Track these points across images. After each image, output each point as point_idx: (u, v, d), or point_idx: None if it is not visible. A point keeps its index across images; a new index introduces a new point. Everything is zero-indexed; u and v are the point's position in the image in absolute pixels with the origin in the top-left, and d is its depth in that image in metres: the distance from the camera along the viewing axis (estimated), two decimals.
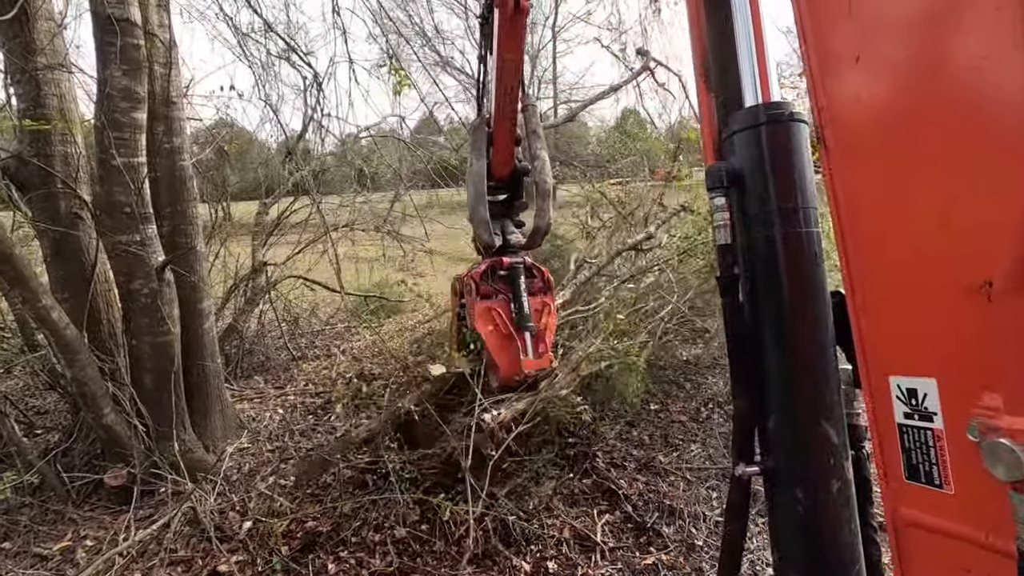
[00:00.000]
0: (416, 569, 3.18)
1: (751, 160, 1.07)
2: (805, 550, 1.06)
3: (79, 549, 3.36)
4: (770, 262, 1.06)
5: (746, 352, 1.10)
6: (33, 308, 3.24)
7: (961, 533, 0.83)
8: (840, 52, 0.91)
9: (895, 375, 0.89)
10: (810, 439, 1.04)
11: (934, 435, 0.84)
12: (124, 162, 3.48)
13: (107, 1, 3.25)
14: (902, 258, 0.87)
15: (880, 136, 0.87)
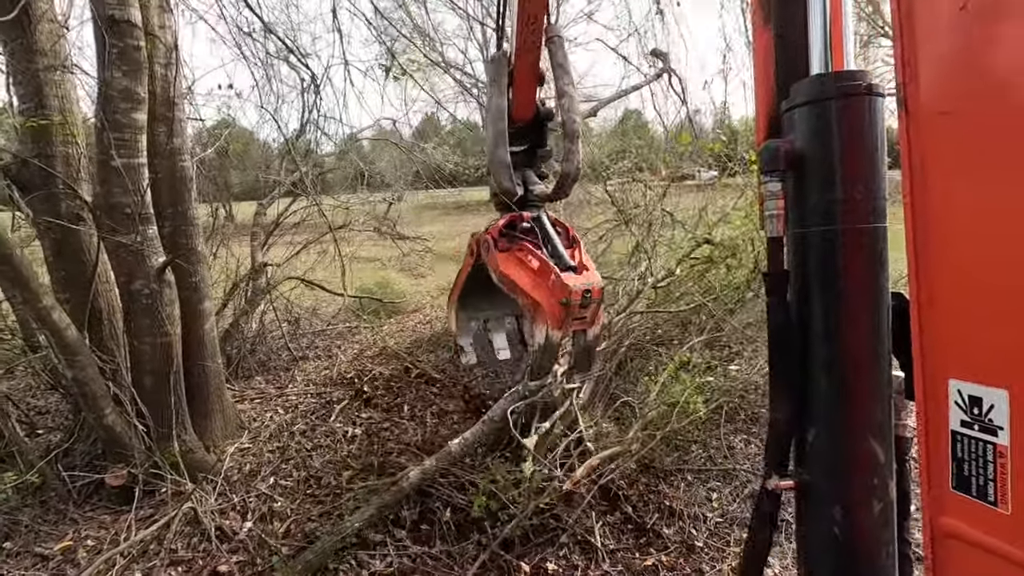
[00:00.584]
0: (416, 570, 3.19)
1: (816, 140, 0.92)
2: (837, 571, 0.99)
3: (80, 549, 3.37)
4: (827, 259, 0.93)
5: (790, 357, 1.01)
6: (34, 309, 3.24)
7: (1012, 556, 0.77)
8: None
9: (957, 379, 0.81)
10: (855, 456, 0.97)
11: (996, 450, 0.77)
12: (124, 163, 3.48)
13: (108, 2, 3.25)
14: (986, 252, 0.76)
15: (980, 104, 0.72)
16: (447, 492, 3.66)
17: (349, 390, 5.45)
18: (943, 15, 0.75)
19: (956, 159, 0.77)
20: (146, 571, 3.15)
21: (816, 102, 0.92)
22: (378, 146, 9.13)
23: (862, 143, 0.90)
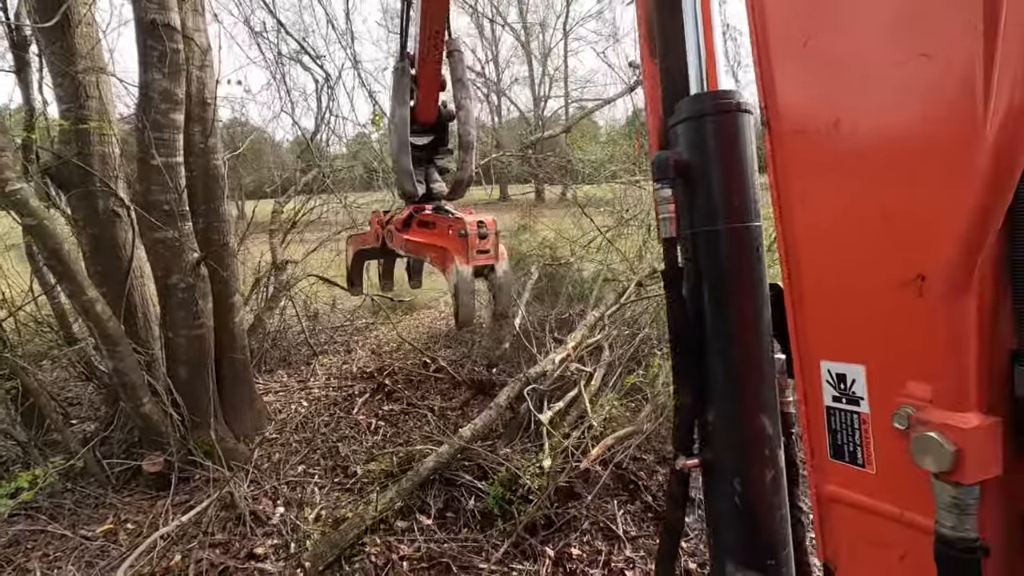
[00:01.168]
0: (443, 554, 3.30)
1: (698, 151, 1.04)
2: (739, 536, 1.10)
3: (121, 531, 3.52)
4: (714, 256, 1.05)
5: (689, 347, 1.11)
6: (79, 301, 3.39)
7: (880, 510, 0.87)
8: (790, 34, 0.88)
9: (826, 360, 0.91)
10: (748, 432, 1.07)
11: (860, 418, 0.88)
12: (163, 161, 3.62)
13: (149, 7, 3.39)
14: (841, 249, 0.88)
15: (825, 128, 0.86)
16: (470, 481, 3.78)
17: (370, 384, 5.59)
18: (791, 49, 0.88)
19: (808, 171, 0.90)
20: (185, 552, 3.28)
21: (695, 118, 1.05)
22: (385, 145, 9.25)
23: (736, 152, 1.03)
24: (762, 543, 1.07)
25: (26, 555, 3.31)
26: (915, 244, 0.76)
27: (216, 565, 3.18)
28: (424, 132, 2.59)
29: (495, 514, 3.53)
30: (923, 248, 0.75)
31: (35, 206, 3.08)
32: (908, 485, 0.81)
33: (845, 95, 0.82)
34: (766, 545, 1.07)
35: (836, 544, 0.97)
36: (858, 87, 0.80)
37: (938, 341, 0.74)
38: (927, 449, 0.74)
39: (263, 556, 3.28)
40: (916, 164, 0.74)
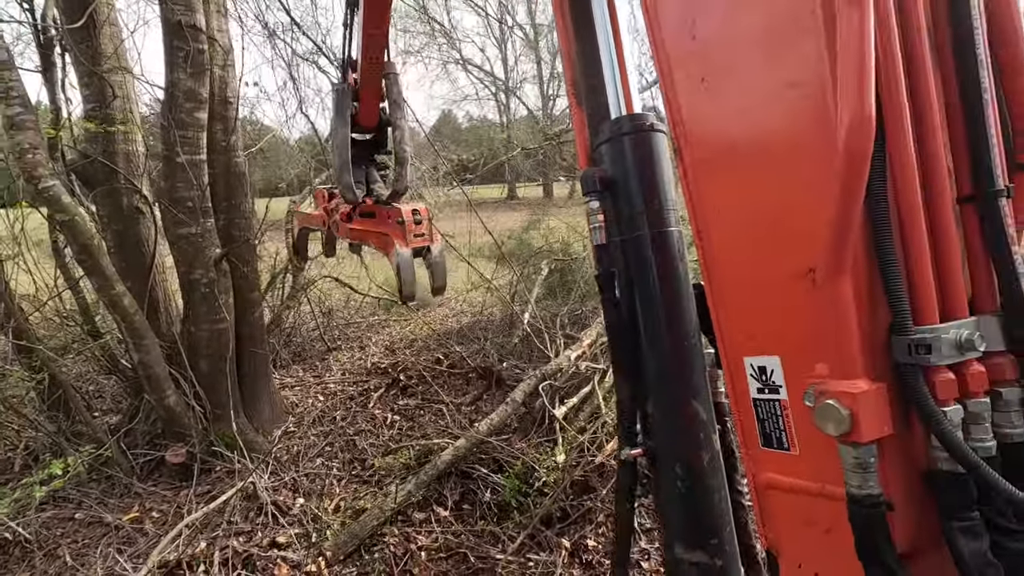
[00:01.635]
0: (460, 545, 3.36)
1: (619, 166, 1.17)
2: (685, 518, 1.16)
3: (147, 520, 3.61)
4: (640, 258, 1.16)
5: (624, 343, 1.20)
6: (107, 295, 3.48)
7: (806, 488, 0.94)
8: (690, 75, 1.02)
9: (748, 356, 0.99)
10: (683, 418, 1.14)
11: (781, 405, 0.95)
12: (188, 159, 3.71)
13: (176, 8, 3.47)
14: (746, 253, 0.98)
15: (723, 148, 0.99)
16: (486, 474, 3.84)
17: (385, 379, 5.66)
18: (692, 86, 1.02)
19: (709, 181, 1.02)
20: (210, 540, 3.36)
21: (615, 138, 1.18)
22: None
23: (651, 166, 1.15)
24: (705, 524, 1.14)
25: (56, 542, 3.41)
26: (801, 240, 0.86)
27: (240, 553, 3.26)
28: (367, 133, 2.92)
29: (511, 506, 3.59)
30: (807, 242, 0.85)
31: (67, 202, 3.17)
32: (824, 460, 0.88)
33: (733, 119, 0.97)
34: (708, 525, 1.13)
35: (776, 530, 1.03)
36: (743, 111, 0.95)
37: (830, 322, 0.83)
38: (828, 416, 0.81)
39: (285, 545, 3.36)
40: (793, 170, 0.87)
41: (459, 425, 4.57)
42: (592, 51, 1.28)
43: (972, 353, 0.81)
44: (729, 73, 0.95)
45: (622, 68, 1.27)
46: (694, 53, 1.00)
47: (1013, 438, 0.82)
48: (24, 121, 3.02)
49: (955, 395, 0.81)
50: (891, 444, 0.83)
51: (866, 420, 0.78)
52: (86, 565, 3.22)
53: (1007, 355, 0.84)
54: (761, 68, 0.89)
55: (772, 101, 0.88)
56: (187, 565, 3.16)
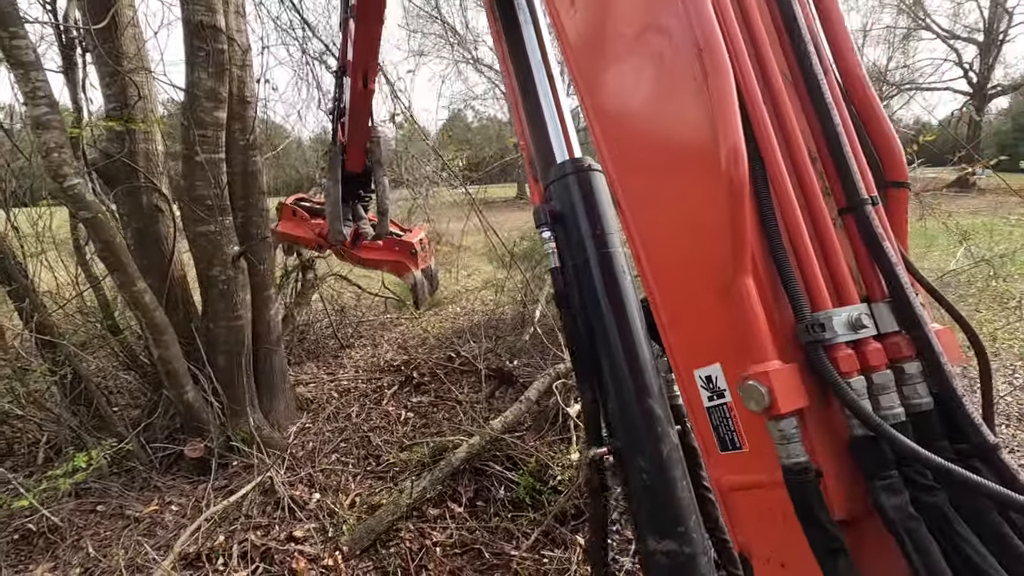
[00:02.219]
0: (475, 541, 3.39)
1: (566, 201, 1.37)
2: (652, 510, 1.22)
3: (166, 513, 3.67)
4: (589, 277, 1.31)
5: (583, 353, 1.33)
6: (129, 291, 3.54)
7: (759, 481, 0.99)
8: (607, 135, 1.21)
9: (696, 368, 1.07)
10: (639, 414, 1.24)
11: (728, 407, 1.02)
12: (207, 158, 3.76)
13: (197, 9, 3.52)
14: (673, 271, 1.11)
15: (642, 186, 1.16)
16: (500, 471, 3.86)
17: (398, 376, 5.70)
18: (610, 138, 1.21)
19: (637, 210, 1.17)
20: (228, 534, 3.41)
21: (561, 178, 1.39)
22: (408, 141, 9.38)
23: (592, 199, 1.34)
24: (670, 513, 1.20)
25: (79, 533, 3.48)
26: (711, 253, 1.00)
27: (258, 546, 3.30)
28: (355, 177, 3.53)
29: (525, 503, 3.61)
30: (716, 254, 0.99)
31: (90, 200, 3.23)
32: (770, 449, 0.94)
33: (647, 166, 1.14)
34: (674, 515, 1.20)
35: (743, 530, 1.07)
36: (654, 156, 1.12)
37: (743, 317, 0.94)
38: (750, 395, 0.91)
39: (302, 539, 3.40)
40: (697, 195, 1.02)
41: (473, 422, 4.59)
42: (536, 110, 1.53)
43: (865, 331, 0.94)
44: (638, 134, 1.15)
45: (562, 121, 1.51)
46: (611, 119, 1.21)
47: (921, 407, 0.92)
48: (50, 120, 3.08)
49: (856, 367, 0.92)
50: (812, 416, 0.93)
51: (781, 394, 0.88)
52: (108, 556, 3.28)
53: (901, 335, 0.95)
54: (662, 122, 1.09)
55: (676, 146, 1.06)
56: (207, 557, 3.21)
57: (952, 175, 14.33)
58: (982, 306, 7.23)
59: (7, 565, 3.25)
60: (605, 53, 1.19)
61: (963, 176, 16.52)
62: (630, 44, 1.11)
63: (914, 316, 0.95)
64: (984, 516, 0.84)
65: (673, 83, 1.02)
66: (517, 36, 1.57)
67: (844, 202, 1.02)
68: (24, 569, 3.23)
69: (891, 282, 0.97)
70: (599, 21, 1.20)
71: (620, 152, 1.20)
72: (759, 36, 1.04)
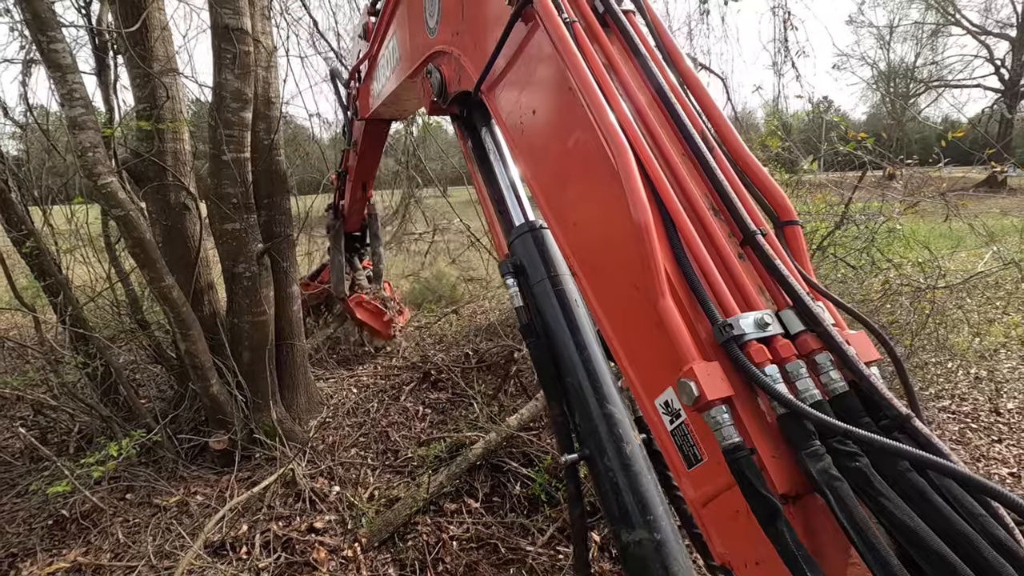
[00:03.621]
0: (492, 536, 3.42)
1: (526, 253, 1.70)
2: (620, 505, 1.35)
3: (192, 503, 3.78)
4: (550, 310, 1.59)
5: (548, 373, 1.58)
6: (157, 287, 3.65)
7: (721, 485, 1.06)
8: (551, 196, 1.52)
9: (655, 398, 1.18)
10: (601, 419, 1.41)
11: (685, 424, 1.12)
12: (233, 157, 3.85)
13: (224, 12, 3.61)
14: (614, 312, 1.31)
15: (576, 225, 1.43)
16: (516, 467, 3.89)
17: (416, 373, 5.77)
18: (554, 207, 1.57)
19: (586, 273, 1.40)
20: (251, 524, 3.51)
21: (520, 236, 1.75)
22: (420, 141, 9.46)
23: (544, 251, 1.68)
24: (638, 504, 1.32)
25: (109, 521, 3.60)
26: (637, 287, 1.20)
27: (280, 536, 3.38)
28: (352, 236, 4.67)
29: (541, 500, 3.63)
30: (641, 288, 1.18)
31: (123, 198, 3.34)
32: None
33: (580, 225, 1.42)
34: (642, 505, 1.32)
35: (721, 539, 1.13)
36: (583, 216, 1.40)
37: (670, 331, 1.08)
38: (683, 391, 1.03)
39: (323, 530, 3.47)
40: (620, 249, 1.25)
41: (491, 418, 4.63)
42: (495, 184, 1.95)
43: (772, 329, 1.08)
44: (575, 205, 1.44)
45: (517, 196, 1.89)
46: (556, 198, 1.51)
47: (837, 390, 1.05)
48: (86, 121, 3.20)
49: (768, 358, 1.04)
50: (741, 405, 1.04)
51: (706, 384, 1.00)
52: (138, 543, 3.39)
53: (808, 333, 1.09)
54: (593, 194, 1.35)
55: (602, 205, 1.31)
56: (231, 546, 3.31)
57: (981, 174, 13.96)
58: (1011, 309, 7.05)
59: (42, 549, 3.38)
60: (547, 153, 1.51)
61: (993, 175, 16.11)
62: (561, 145, 1.42)
63: (811, 315, 1.09)
64: (904, 477, 0.93)
65: (594, 166, 1.31)
66: (487, 163, 2.02)
67: (742, 238, 1.22)
68: (58, 553, 3.36)
69: (787, 289, 1.13)
70: (540, 134, 1.53)
71: (563, 220, 1.47)
72: (654, 129, 1.32)
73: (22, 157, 5.88)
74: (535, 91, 1.51)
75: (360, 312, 4.32)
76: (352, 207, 3.91)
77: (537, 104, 1.51)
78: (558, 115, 1.43)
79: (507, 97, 1.65)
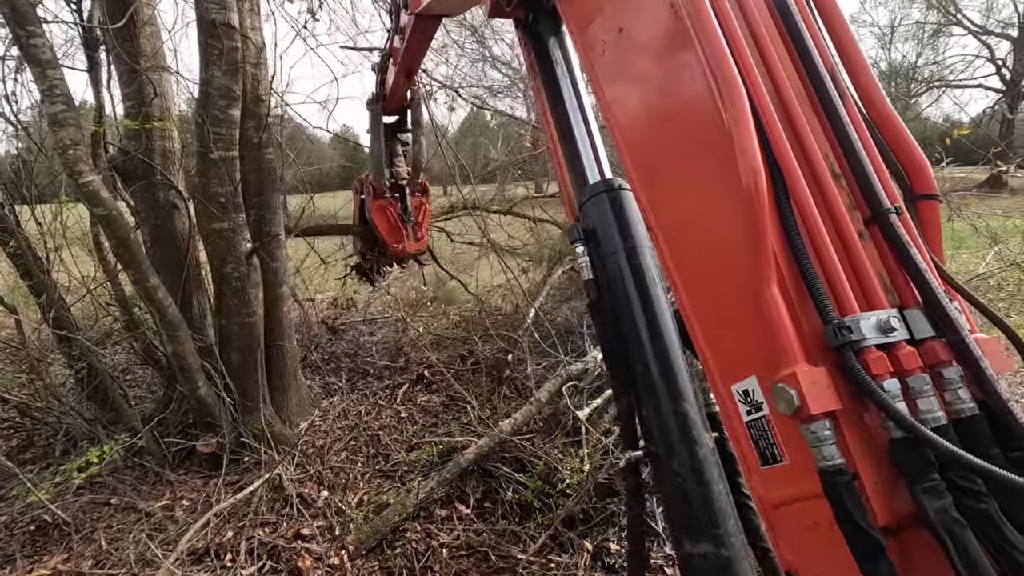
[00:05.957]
0: (482, 544, 3.35)
1: (598, 218, 1.45)
2: (687, 513, 1.23)
3: (177, 508, 3.70)
4: (623, 288, 1.37)
5: (619, 359, 1.39)
6: (143, 287, 3.57)
7: (802, 492, 0.96)
8: (630, 136, 1.28)
9: (733, 384, 1.06)
10: (674, 418, 1.26)
11: (767, 420, 1.01)
12: (221, 155, 3.78)
13: (211, 7, 3.54)
14: (702, 288, 1.13)
15: (672, 213, 1.20)
16: (508, 473, 3.82)
17: (409, 375, 5.69)
18: (642, 169, 1.27)
19: (669, 240, 1.20)
20: (237, 530, 3.43)
21: (593, 196, 1.47)
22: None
23: (623, 216, 1.41)
24: (707, 515, 1.19)
25: (92, 525, 3.52)
26: (740, 265, 1.02)
27: (265, 543, 3.31)
28: (390, 114, 3.65)
29: (533, 506, 3.56)
30: (745, 266, 1.00)
31: (105, 197, 3.27)
32: (808, 459, 0.92)
33: (672, 193, 1.21)
34: (711, 516, 1.19)
35: (790, 546, 1.05)
36: (677, 172, 1.18)
37: (772, 327, 0.94)
38: (780, 397, 0.90)
39: (309, 537, 3.40)
40: (722, 215, 1.06)
41: (483, 422, 4.56)
42: (572, 141, 1.63)
43: (896, 335, 0.93)
44: (665, 159, 1.22)
45: (593, 145, 1.61)
46: (639, 146, 1.28)
47: (964, 412, 0.90)
48: (67, 118, 3.12)
49: (888, 370, 0.90)
50: (847, 420, 0.91)
51: (810, 395, 0.87)
52: (120, 549, 3.32)
53: (937, 340, 0.94)
54: (686, 146, 1.15)
55: (699, 167, 1.11)
56: (214, 553, 3.23)
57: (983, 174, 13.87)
58: (1013, 311, 6.97)
59: (23, 556, 3.31)
60: (632, 89, 1.27)
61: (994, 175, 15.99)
62: (653, 80, 1.20)
63: (948, 319, 0.93)
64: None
65: (695, 112, 1.08)
66: (555, 85, 1.68)
67: (868, 214, 1.03)
68: (39, 560, 3.28)
69: (921, 286, 0.96)
70: (624, 62, 1.28)
71: (647, 174, 1.25)
72: (774, 66, 1.08)
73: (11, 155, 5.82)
74: (624, 2, 1.26)
75: (378, 216, 3.65)
76: (395, 92, 3.39)
77: (626, 21, 1.24)
78: (652, 36, 1.19)
79: (587, 6, 1.37)
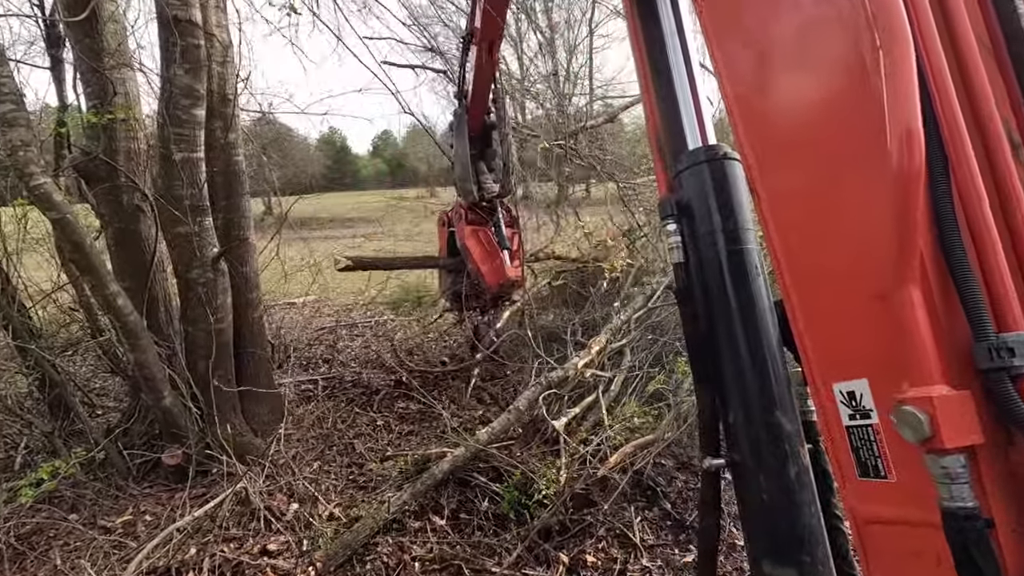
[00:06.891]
0: (456, 556, 3.24)
1: (696, 191, 1.24)
2: (771, 533, 1.12)
3: (139, 523, 3.56)
4: (717, 275, 1.20)
5: (704, 355, 1.23)
6: (101, 295, 3.43)
7: (907, 517, 0.86)
8: (743, 92, 1.08)
9: (836, 382, 0.95)
10: (765, 428, 1.12)
11: (874, 430, 0.90)
12: (184, 157, 3.64)
13: (171, 3, 3.40)
14: (821, 276, 0.97)
15: (790, 178, 1.01)
16: (485, 483, 3.72)
17: (387, 381, 5.57)
18: (751, 92, 1.08)
19: (784, 215, 1.03)
20: (200, 546, 3.29)
21: (692, 166, 1.26)
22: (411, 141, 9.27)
23: (726, 190, 1.21)
24: (794, 539, 1.08)
25: (48, 544, 3.37)
26: (874, 253, 0.86)
27: (230, 560, 3.18)
28: (474, 140, 3.77)
29: (509, 517, 3.46)
30: (879, 254, 0.84)
31: (58, 200, 3.12)
32: (925, 484, 0.80)
33: (797, 147, 1.00)
34: (799, 541, 1.08)
35: (882, 568, 0.95)
36: (802, 133, 0.98)
37: (905, 333, 0.80)
38: (905, 421, 0.77)
39: (276, 552, 3.27)
40: (855, 190, 0.88)
41: (458, 431, 4.45)
42: (669, 92, 1.38)
43: None
44: (788, 117, 1.01)
45: (696, 104, 1.36)
46: (755, 105, 1.07)
47: None
48: (16, 118, 2.97)
49: None
50: (987, 456, 0.77)
51: (947, 425, 0.74)
52: (76, 568, 3.17)
53: None
54: (818, 102, 0.94)
55: (832, 130, 0.91)
56: (175, 571, 3.09)
57: None
58: None
59: None
60: (755, 38, 1.05)
61: None
62: (785, 24, 0.98)
63: None
64: None
65: (835, 56, 0.88)
66: (655, 26, 1.43)
67: None
68: None
69: None
70: (746, 4, 1.07)
71: (764, 138, 1.05)
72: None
73: None
74: None
75: (471, 240, 3.33)
76: (478, 84, 3.26)
77: None
78: None
79: None
